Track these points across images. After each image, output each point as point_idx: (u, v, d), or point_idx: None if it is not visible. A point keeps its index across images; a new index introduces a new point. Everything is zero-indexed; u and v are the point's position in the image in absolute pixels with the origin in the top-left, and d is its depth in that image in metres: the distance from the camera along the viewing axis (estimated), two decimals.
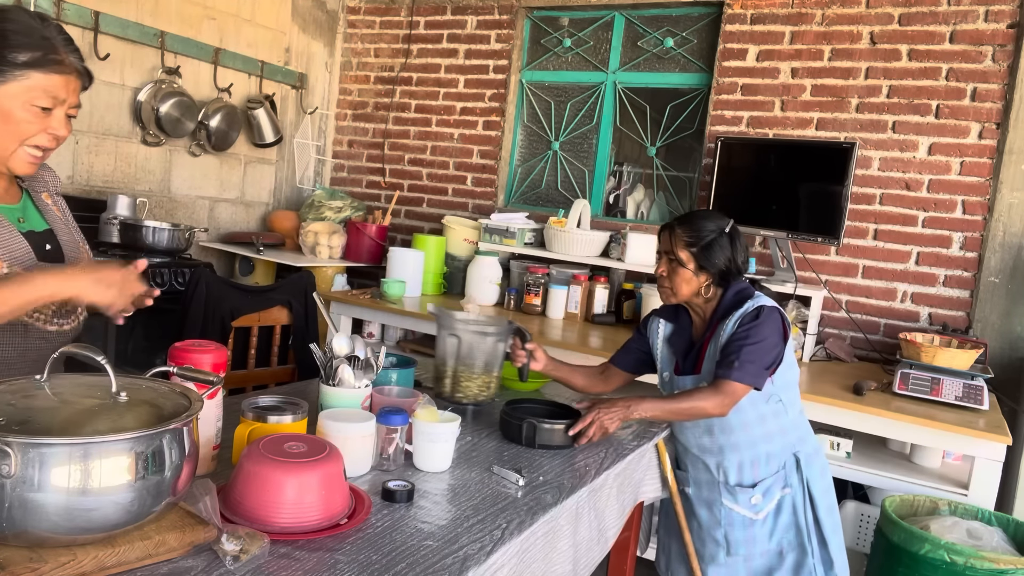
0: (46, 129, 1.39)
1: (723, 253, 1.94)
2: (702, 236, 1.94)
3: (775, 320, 1.89)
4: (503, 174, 4.17)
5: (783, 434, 1.98)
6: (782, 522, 1.99)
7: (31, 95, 1.34)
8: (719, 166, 3.38)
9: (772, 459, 1.98)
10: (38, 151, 1.40)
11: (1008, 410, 2.73)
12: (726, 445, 1.99)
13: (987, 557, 2.06)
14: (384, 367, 1.80)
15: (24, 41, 1.32)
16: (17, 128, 1.36)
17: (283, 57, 4.27)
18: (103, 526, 0.96)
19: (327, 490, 1.19)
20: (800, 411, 2.05)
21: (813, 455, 2.02)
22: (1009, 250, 3.03)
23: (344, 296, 3.54)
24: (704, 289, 1.97)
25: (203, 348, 1.35)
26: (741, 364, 1.82)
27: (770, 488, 1.98)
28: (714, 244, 1.93)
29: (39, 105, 1.35)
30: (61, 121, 1.40)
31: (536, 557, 1.36)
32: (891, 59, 3.24)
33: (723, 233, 1.95)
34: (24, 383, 1.07)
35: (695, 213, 2.01)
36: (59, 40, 1.37)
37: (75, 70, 1.40)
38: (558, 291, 3.46)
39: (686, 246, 1.95)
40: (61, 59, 1.36)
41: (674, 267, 1.97)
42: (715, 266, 1.94)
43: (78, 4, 3.23)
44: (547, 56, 4.09)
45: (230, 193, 4.15)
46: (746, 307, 1.92)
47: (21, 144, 1.38)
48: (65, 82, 1.38)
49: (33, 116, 1.36)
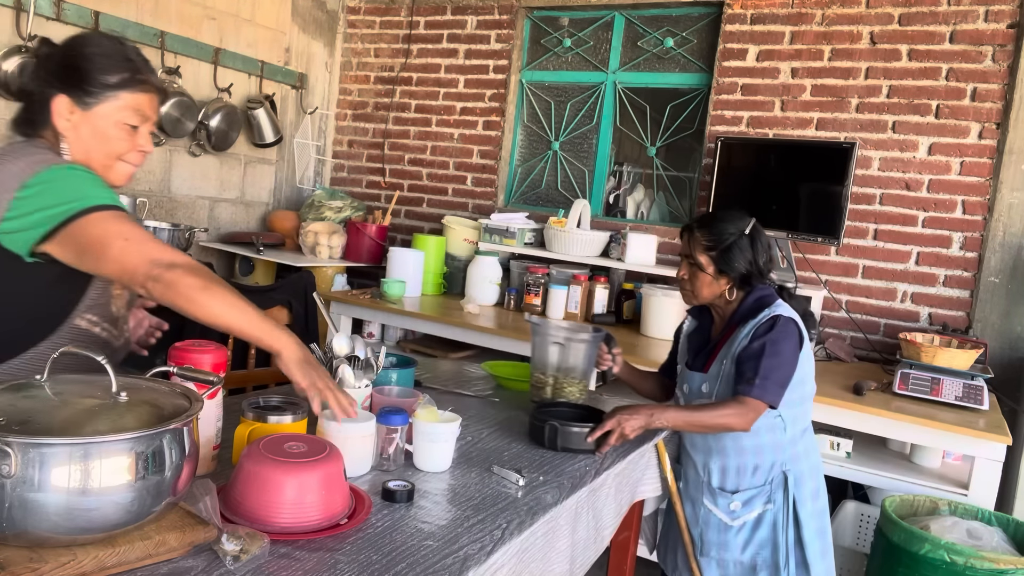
0: (135, 147, 1.48)
1: (743, 256, 1.90)
2: (721, 239, 1.90)
3: (791, 333, 1.85)
4: (503, 174, 4.17)
5: (776, 450, 1.93)
6: (759, 536, 1.94)
7: (122, 114, 1.44)
8: (719, 166, 3.37)
9: (759, 472, 1.94)
10: (130, 166, 1.50)
11: (1008, 410, 2.73)
12: (713, 447, 1.97)
13: (987, 557, 2.06)
14: (384, 367, 1.80)
15: (111, 64, 1.43)
16: (111, 146, 1.45)
17: (283, 57, 4.27)
18: (103, 526, 0.96)
19: (327, 490, 1.19)
20: (805, 430, 1.98)
21: (807, 476, 1.95)
22: (1009, 250, 3.03)
23: (344, 296, 3.54)
24: (727, 292, 1.94)
25: (203, 348, 1.35)
26: (761, 381, 1.80)
27: (752, 499, 1.95)
28: (733, 247, 1.90)
29: (129, 123, 1.46)
30: (147, 137, 1.50)
31: (535, 557, 1.36)
32: (891, 59, 3.24)
33: (743, 235, 1.91)
34: (24, 383, 1.07)
35: (715, 214, 1.97)
36: (140, 61, 1.48)
37: (156, 89, 1.50)
38: (558, 291, 3.46)
39: (705, 250, 1.92)
40: (145, 79, 1.47)
41: (694, 271, 1.94)
42: (735, 270, 1.91)
43: (78, 4, 3.23)
44: (547, 56, 4.09)
45: (230, 193, 4.15)
46: (762, 316, 1.88)
47: (117, 160, 1.47)
48: (150, 100, 1.48)
49: (124, 134, 1.46)
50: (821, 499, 1.99)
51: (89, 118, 1.43)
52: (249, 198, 4.27)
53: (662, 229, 3.70)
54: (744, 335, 1.89)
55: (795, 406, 1.92)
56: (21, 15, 3.06)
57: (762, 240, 1.94)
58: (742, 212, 1.98)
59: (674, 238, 3.67)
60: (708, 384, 1.96)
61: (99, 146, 1.44)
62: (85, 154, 1.44)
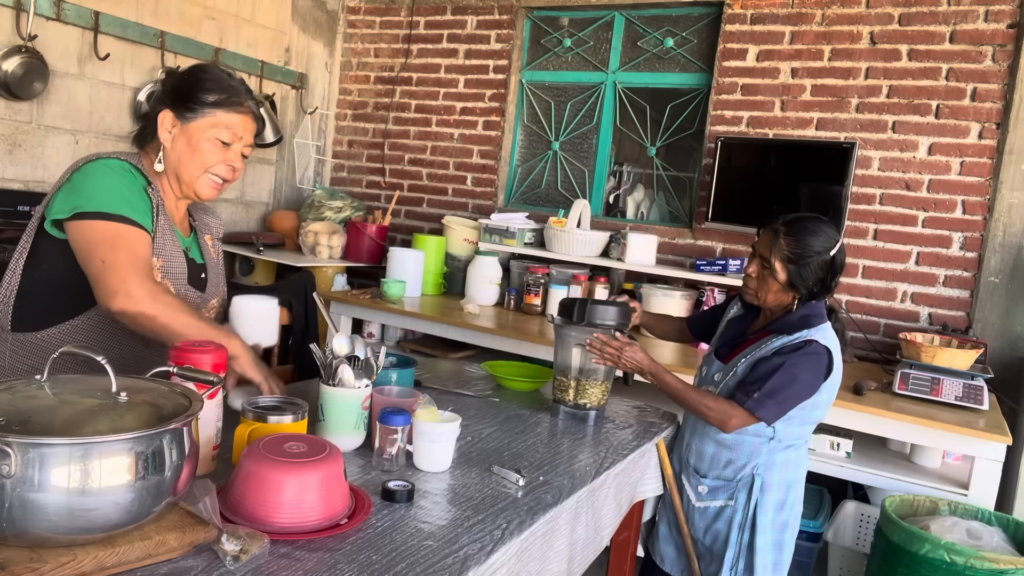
0: (225, 160, 1.64)
1: (818, 275, 1.82)
2: (805, 255, 1.81)
3: (817, 363, 1.79)
4: (503, 174, 4.17)
5: (753, 452, 1.91)
6: (716, 527, 1.96)
7: (215, 130, 1.61)
8: (719, 166, 3.38)
9: (730, 466, 1.94)
10: (218, 179, 1.65)
11: (1008, 410, 2.73)
12: (699, 428, 1.99)
13: (987, 557, 2.06)
14: (384, 367, 1.79)
15: (213, 86, 1.61)
16: (202, 157, 1.61)
17: (283, 57, 4.27)
18: (103, 526, 0.96)
19: (327, 490, 1.19)
20: (792, 447, 1.93)
21: (776, 486, 1.91)
22: (1009, 250, 3.03)
23: (344, 296, 3.54)
24: (789, 303, 1.88)
25: (203, 348, 1.35)
26: (762, 396, 1.77)
27: (717, 490, 1.96)
28: (813, 264, 1.81)
29: (220, 139, 1.62)
30: (237, 155, 1.66)
31: (534, 556, 1.36)
32: (891, 59, 3.24)
33: (830, 256, 1.82)
34: (24, 383, 1.07)
35: (806, 225, 1.84)
36: (242, 89, 1.65)
37: (251, 113, 1.66)
38: (558, 291, 3.46)
39: (785, 259, 1.83)
40: (241, 102, 1.63)
41: (765, 274, 1.86)
42: (806, 286, 1.83)
43: (78, 4, 3.23)
44: (547, 56, 4.09)
45: (230, 193, 4.15)
46: (798, 335, 1.81)
47: (205, 172, 1.63)
48: (243, 121, 1.64)
49: (216, 148, 1.62)
50: (786, 513, 1.93)
51: (186, 131, 1.61)
52: (249, 198, 4.27)
53: (662, 229, 3.70)
54: (774, 346, 1.84)
55: (792, 424, 1.88)
56: (21, 15, 3.06)
57: (842, 262, 1.85)
58: (833, 228, 1.87)
59: (674, 238, 3.67)
60: (721, 375, 1.95)
61: (190, 157, 1.61)
62: (177, 163, 1.62)
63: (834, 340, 1.85)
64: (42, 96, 3.18)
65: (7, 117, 3.13)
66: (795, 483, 1.96)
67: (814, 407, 1.87)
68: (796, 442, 1.94)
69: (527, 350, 3.04)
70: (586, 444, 1.81)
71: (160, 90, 1.68)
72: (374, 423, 1.53)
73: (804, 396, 1.81)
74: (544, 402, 2.14)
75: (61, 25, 3.20)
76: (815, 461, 2.56)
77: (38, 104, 3.19)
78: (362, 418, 1.56)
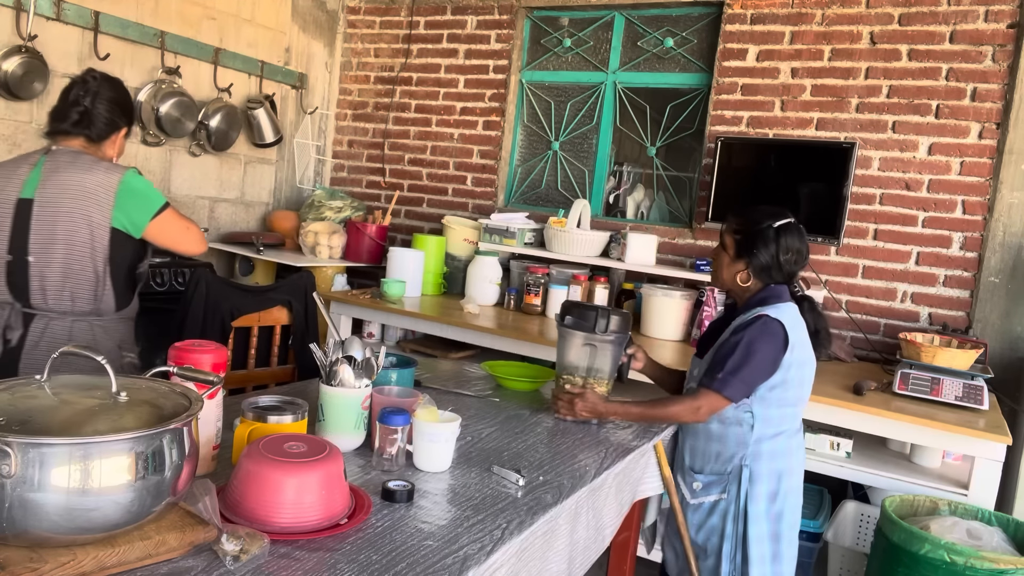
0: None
1: (766, 248, 1.92)
2: (749, 225, 1.95)
3: (772, 334, 1.85)
4: (503, 174, 4.17)
5: (739, 443, 1.93)
6: (710, 523, 1.99)
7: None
8: (719, 166, 3.37)
9: (720, 459, 1.97)
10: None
11: (1008, 410, 2.73)
12: (691, 426, 2.02)
13: (987, 557, 2.06)
14: (384, 367, 1.80)
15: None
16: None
17: (283, 57, 4.27)
18: (103, 526, 0.96)
19: (327, 490, 1.19)
20: (778, 434, 1.94)
21: (765, 476, 1.93)
22: (1009, 250, 3.03)
23: (344, 296, 3.54)
24: (740, 278, 1.97)
25: (203, 348, 1.35)
26: (724, 375, 1.84)
27: (711, 485, 1.98)
28: (758, 236, 1.93)
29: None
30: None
31: (533, 556, 1.36)
32: (891, 59, 3.24)
33: (771, 227, 1.93)
34: (24, 383, 1.07)
35: (755, 205, 2.02)
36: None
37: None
38: (558, 291, 3.46)
39: (732, 232, 1.98)
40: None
41: (718, 251, 2.02)
42: (755, 257, 1.93)
43: (78, 4, 3.23)
44: (547, 56, 4.09)
45: (230, 193, 4.15)
46: (752, 312, 1.90)
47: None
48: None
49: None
50: (779, 503, 1.94)
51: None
52: (249, 198, 4.27)
53: (662, 229, 3.70)
54: (731, 328, 1.92)
55: (770, 407, 1.91)
56: (21, 15, 3.06)
57: (790, 239, 1.94)
58: (783, 209, 2.00)
59: (674, 238, 3.67)
60: (699, 369, 2.01)
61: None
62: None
63: (791, 317, 1.91)
64: (42, 96, 3.18)
65: (7, 117, 3.13)
66: (787, 473, 1.96)
67: (785, 386, 1.90)
68: (782, 429, 1.95)
69: (527, 350, 3.04)
70: (586, 444, 1.82)
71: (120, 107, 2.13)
72: (374, 423, 1.53)
73: (766, 370, 1.87)
74: (544, 402, 2.14)
75: (61, 25, 3.20)
76: (815, 461, 2.56)
77: (38, 104, 3.19)
78: (362, 418, 1.56)
